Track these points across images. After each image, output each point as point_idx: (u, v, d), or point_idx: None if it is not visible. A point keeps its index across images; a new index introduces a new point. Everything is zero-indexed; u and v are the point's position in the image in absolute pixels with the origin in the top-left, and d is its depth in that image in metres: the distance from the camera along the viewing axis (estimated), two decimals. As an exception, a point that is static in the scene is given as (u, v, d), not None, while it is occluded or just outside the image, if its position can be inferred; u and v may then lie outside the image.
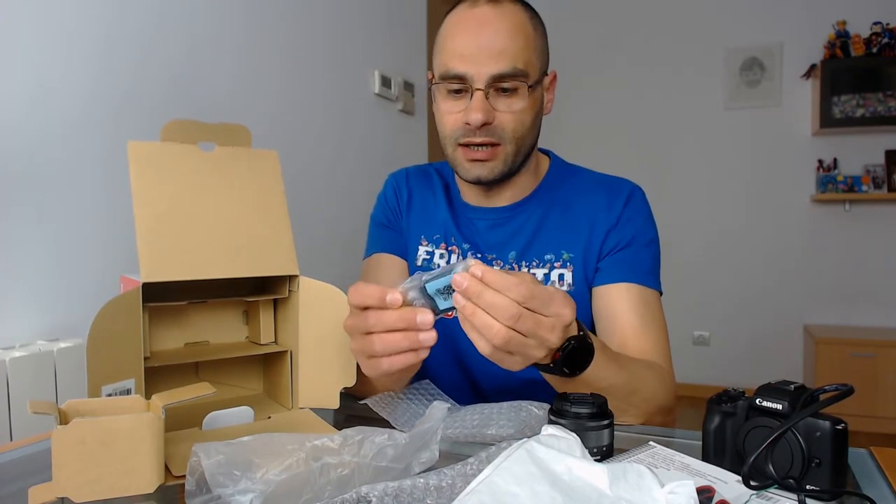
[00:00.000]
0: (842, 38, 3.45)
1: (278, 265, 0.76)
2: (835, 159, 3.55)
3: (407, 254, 1.00)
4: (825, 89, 3.42)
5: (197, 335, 0.80)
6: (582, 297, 0.91)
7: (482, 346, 0.59)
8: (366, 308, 0.62)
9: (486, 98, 0.83)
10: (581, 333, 0.66)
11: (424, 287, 0.61)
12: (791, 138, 3.65)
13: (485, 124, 0.83)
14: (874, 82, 3.36)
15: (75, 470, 0.53)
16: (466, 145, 0.86)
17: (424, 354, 0.62)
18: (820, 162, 3.57)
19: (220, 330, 0.82)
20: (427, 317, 0.60)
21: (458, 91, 0.85)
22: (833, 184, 3.51)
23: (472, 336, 0.59)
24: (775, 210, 3.69)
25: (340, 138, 2.07)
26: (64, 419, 0.56)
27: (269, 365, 0.84)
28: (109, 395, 0.62)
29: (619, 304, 0.89)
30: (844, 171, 3.55)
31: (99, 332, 0.61)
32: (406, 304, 0.61)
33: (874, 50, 3.39)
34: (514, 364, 0.61)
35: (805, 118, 3.61)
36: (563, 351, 0.64)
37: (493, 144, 0.85)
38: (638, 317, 0.88)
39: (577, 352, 0.66)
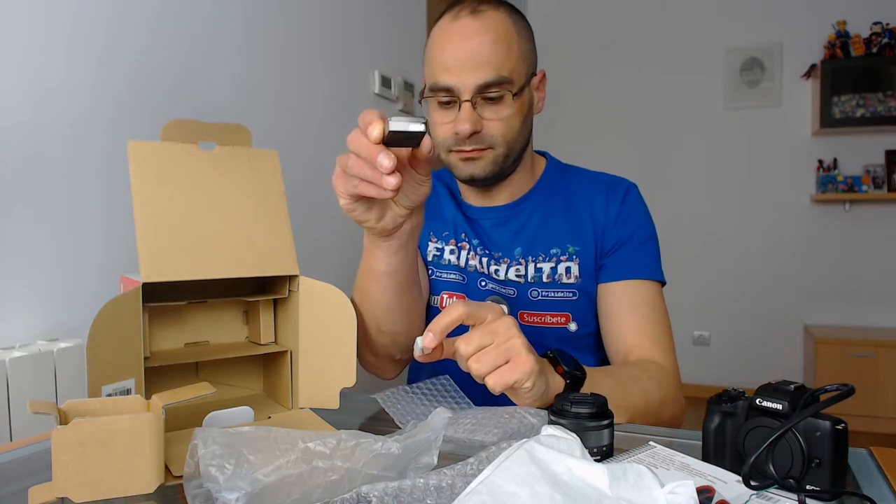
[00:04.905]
0: (842, 38, 3.45)
1: (278, 265, 0.76)
2: (835, 159, 3.55)
3: None
4: (825, 89, 3.42)
5: (197, 335, 0.80)
6: (587, 290, 0.95)
7: (496, 389, 0.66)
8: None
9: (474, 108, 0.87)
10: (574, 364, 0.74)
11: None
12: (791, 138, 3.65)
13: (474, 133, 0.87)
14: (874, 82, 3.36)
15: (75, 470, 0.53)
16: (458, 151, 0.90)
17: (388, 195, 0.64)
18: (820, 162, 3.57)
19: (221, 330, 0.82)
20: (386, 161, 0.60)
21: (447, 102, 0.89)
22: (833, 184, 3.51)
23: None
24: (775, 210, 3.69)
25: (340, 138, 2.06)
26: (64, 419, 0.56)
27: (269, 365, 0.84)
28: (109, 395, 0.62)
29: (619, 302, 0.92)
30: (844, 171, 3.55)
31: (99, 332, 0.61)
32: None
33: (874, 50, 3.39)
34: (518, 373, 0.65)
35: (805, 118, 3.62)
36: (566, 378, 0.72)
37: (481, 150, 0.89)
38: (638, 315, 0.91)
39: (575, 375, 0.73)
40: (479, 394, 0.84)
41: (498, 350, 0.64)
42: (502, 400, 0.82)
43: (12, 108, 1.04)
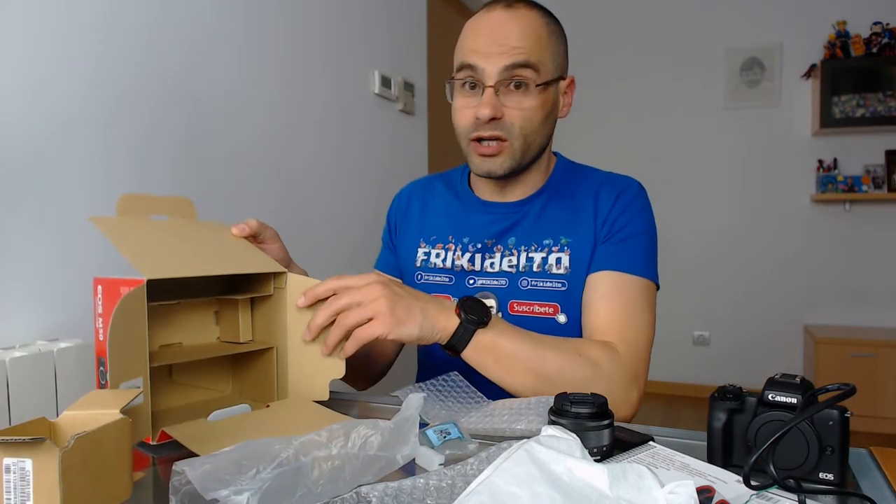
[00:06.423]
0: (842, 38, 3.45)
1: (265, 263, 0.78)
2: (835, 159, 3.55)
3: (402, 273, 1.09)
4: (825, 89, 3.42)
5: (170, 337, 0.79)
6: (578, 282, 0.94)
7: (348, 347, 0.75)
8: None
9: (496, 94, 0.89)
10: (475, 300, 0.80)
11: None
12: (791, 138, 3.65)
13: (493, 119, 0.88)
14: (874, 82, 3.36)
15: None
16: (477, 140, 0.91)
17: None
18: (820, 162, 3.57)
19: (192, 331, 0.81)
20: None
21: (472, 86, 0.91)
22: (833, 184, 3.51)
23: (332, 343, 0.75)
24: (775, 210, 3.69)
25: (340, 138, 2.07)
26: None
27: (244, 364, 0.83)
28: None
29: (595, 291, 0.92)
30: (844, 171, 3.55)
31: (117, 328, 0.60)
32: None
33: (874, 50, 3.39)
34: (378, 327, 0.73)
35: (805, 118, 3.61)
36: (461, 306, 0.78)
37: (500, 139, 0.90)
38: (610, 305, 0.90)
39: (472, 305, 0.78)
40: (486, 388, 0.84)
41: (363, 309, 0.73)
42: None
43: (12, 108, 1.04)
